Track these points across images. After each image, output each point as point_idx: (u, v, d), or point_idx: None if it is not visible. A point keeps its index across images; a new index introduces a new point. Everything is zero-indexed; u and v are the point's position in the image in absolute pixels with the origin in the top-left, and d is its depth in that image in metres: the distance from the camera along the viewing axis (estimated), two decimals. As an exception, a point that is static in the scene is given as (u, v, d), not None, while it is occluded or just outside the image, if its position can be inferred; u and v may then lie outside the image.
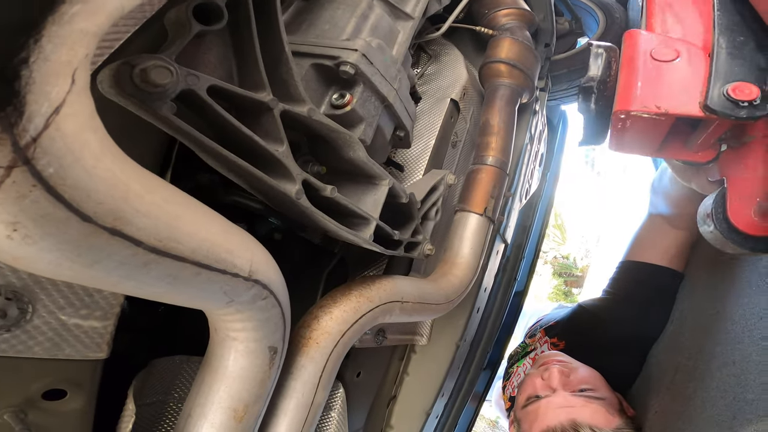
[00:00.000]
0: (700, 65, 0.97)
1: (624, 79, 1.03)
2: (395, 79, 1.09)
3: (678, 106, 0.95)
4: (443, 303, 1.28)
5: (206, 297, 0.62)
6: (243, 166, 0.72)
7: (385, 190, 1.02)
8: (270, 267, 0.71)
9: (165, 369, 1.03)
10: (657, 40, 1.03)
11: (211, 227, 0.58)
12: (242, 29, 0.74)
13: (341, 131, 0.91)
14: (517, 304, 2.87)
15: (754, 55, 0.95)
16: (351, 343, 0.99)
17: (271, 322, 0.74)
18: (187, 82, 0.62)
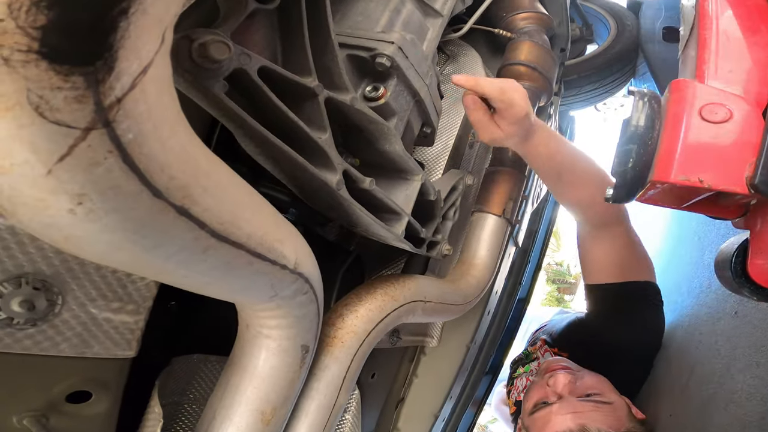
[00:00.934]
0: (753, 130, 0.88)
1: (666, 143, 0.94)
2: (427, 74, 1.06)
3: (722, 180, 0.88)
4: (461, 304, 1.26)
5: (254, 289, 0.58)
6: (287, 152, 0.68)
7: (417, 185, 0.99)
8: (311, 261, 0.68)
9: (184, 368, 0.99)
10: (708, 95, 0.93)
11: (265, 214, 0.55)
12: (291, 11, 0.71)
13: (380, 122, 0.87)
14: (521, 310, 2.86)
15: None
16: (375, 342, 0.96)
17: (306, 319, 0.70)
18: (240, 61, 0.58)
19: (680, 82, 0.97)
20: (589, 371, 2.00)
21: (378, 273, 1.32)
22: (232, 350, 0.73)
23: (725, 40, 1.03)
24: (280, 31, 0.72)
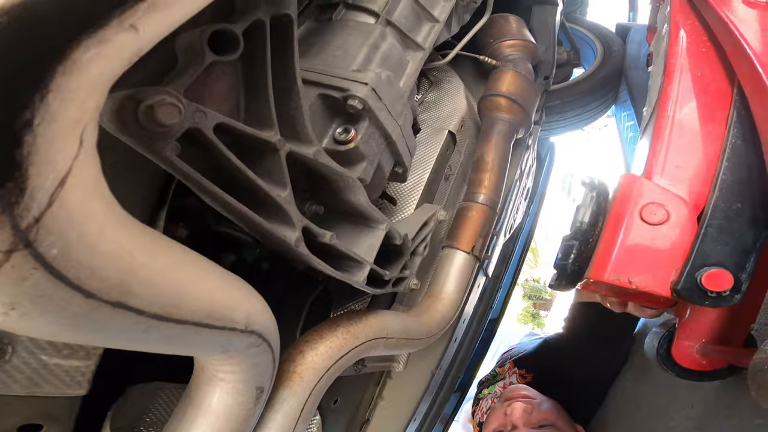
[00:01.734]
0: (685, 235, 0.92)
1: (605, 242, 0.99)
2: (401, 114, 1.06)
3: (649, 283, 0.92)
4: (425, 338, 1.25)
5: (202, 349, 0.59)
6: (243, 211, 0.68)
7: (381, 234, 0.98)
8: (265, 316, 0.67)
9: (140, 395, 0.98)
10: (651, 194, 0.97)
11: (212, 285, 0.54)
12: (256, 60, 0.70)
13: (345, 175, 0.87)
14: (491, 330, 2.86)
15: (744, 230, 0.89)
16: (334, 377, 0.96)
17: (260, 365, 0.70)
18: (194, 119, 0.57)
19: (629, 177, 1.00)
20: (547, 399, 2.09)
21: (345, 304, 1.31)
22: (188, 385, 0.72)
23: (679, 131, 1.04)
24: (243, 79, 0.71)
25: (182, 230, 0.87)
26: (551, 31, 2.10)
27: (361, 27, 1.12)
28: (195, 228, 0.91)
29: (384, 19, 1.17)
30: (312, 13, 1.22)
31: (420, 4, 1.29)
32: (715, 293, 0.86)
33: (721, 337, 1.09)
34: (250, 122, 0.71)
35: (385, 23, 1.18)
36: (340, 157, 0.96)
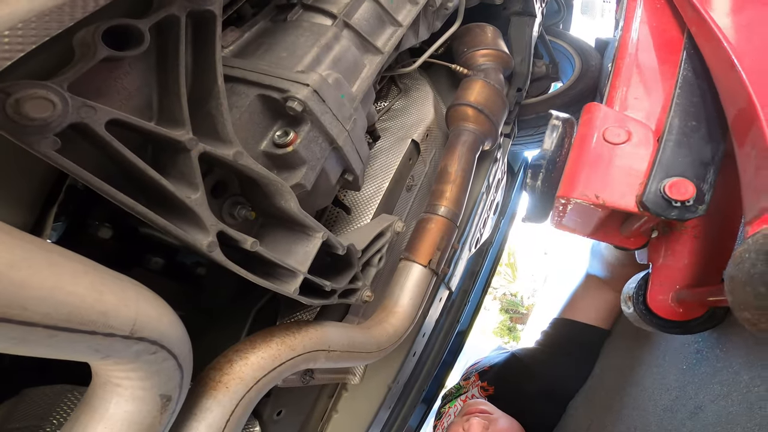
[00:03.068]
0: (647, 151, 0.95)
1: (572, 162, 1.01)
2: (349, 119, 1.00)
3: (616, 198, 0.94)
4: (374, 351, 1.19)
5: (70, 354, 0.52)
6: (143, 212, 0.61)
7: (318, 243, 0.92)
8: (163, 321, 0.61)
9: (41, 397, 0.92)
10: (612, 118, 1.00)
11: (77, 288, 0.48)
12: (170, 57, 0.65)
13: (272, 179, 0.81)
14: (459, 342, 2.83)
15: (702, 145, 0.93)
16: (266, 389, 0.90)
17: (163, 373, 0.65)
18: (79, 114, 0.52)
19: (591, 105, 1.05)
20: (504, 416, 2.06)
21: (292, 314, 1.25)
22: (87, 390, 0.67)
23: (637, 70, 1.08)
24: (157, 74, 0.66)
25: (106, 231, 0.81)
26: (528, 43, 2.06)
27: (314, 28, 1.08)
28: (123, 230, 0.85)
29: (341, 21, 1.13)
30: (269, 13, 1.17)
31: (383, 7, 1.24)
32: (680, 203, 0.88)
33: (696, 281, 1.09)
34: (162, 121, 0.66)
35: (343, 25, 1.13)
36: (279, 161, 0.91)
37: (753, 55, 0.86)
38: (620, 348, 2.02)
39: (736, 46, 0.88)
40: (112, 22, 0.56)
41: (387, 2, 1.25)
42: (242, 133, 0.86)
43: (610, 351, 2.10)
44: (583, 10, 6.02)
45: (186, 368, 0.69)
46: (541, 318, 7.15)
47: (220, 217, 0.73)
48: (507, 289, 9.02)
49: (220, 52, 0.69)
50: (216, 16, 0.67)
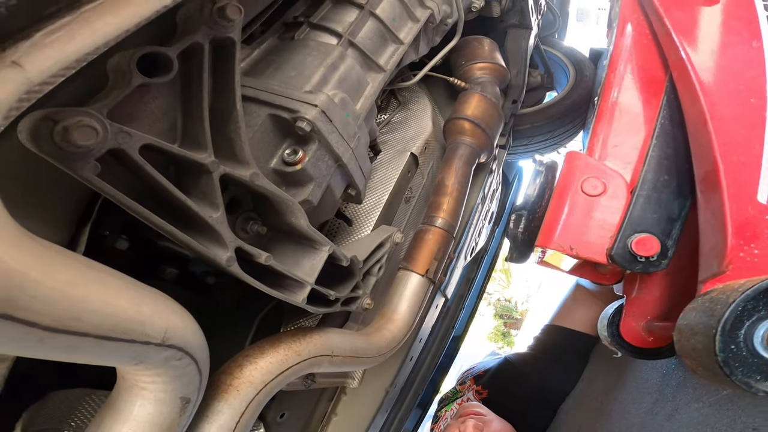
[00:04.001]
0: (620, 204, 1.01)
1: (551, 213, 1.07)
2: (353, 137, 1.05)
3: (588, 251, 1.01)
4: (374, 356, 1.24)
5: (111, 361, 0.58)
6: (170, 230, 0.67)
7: (324, 256, 0.97)
8: (188, 329, 0.67)
9: (63, 400, 0.96)
10: (590, 169, 1.05)
11: (120, 301, 0.54)
12: (193, 82, 0.70)
13: (283, 198, 0.86)
14: (455, 347, 2.87)
15: (671, 200, 0.98)
16: (274, 392, 0.94)
17: (185, 377, 0.70)
18: (117, 140, 0.57)
19: (572, 154, 1.10)
20: (498, 419, 2.11)
21: (296, 321, 1.30)
22: (111, 393, 0.72)
23: (618, 114, 1.12)
24: (181, 100, 0.71)
25: (123, 243, 0.86)
26: (523, 55, 2.11)
27: (321, 47, 1.12)
28: (138, 241, 0.90)
29: (346, 41, 1.17)
30: (277, 31, 1.21)
31: (386, 26, 1.29)
32: (644, 258, 0.95)
33: (665, 314, 1.14)
34: (185, 143, 0.71)
35: (347, 44, 1.18)
36: (288, 178, 0.95)
37: (728, 119, 0.90)
38: (607, 353, 2.04)
39: (713, 105, 0.92)
40: (146, 49, 0.60)
41: (389, 20, 1.30)
42: (254, 151, 0.90)
43: (598, 356, 2.17)
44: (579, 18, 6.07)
45: (204, 373, 0.74)
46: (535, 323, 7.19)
47: (234, 233, 0.78)
48: (501, 294, 9.05)
49: (239, 77, 0.74)
50: (236, 42, 0.71)
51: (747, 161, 0.86)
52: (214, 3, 0.67)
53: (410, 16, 1.38)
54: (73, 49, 0.49)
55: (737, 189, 0.84)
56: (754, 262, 0.80)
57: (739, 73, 0.96)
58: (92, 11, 0.52)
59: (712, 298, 0.72)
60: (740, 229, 0.81)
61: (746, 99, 0.92)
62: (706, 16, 1.06)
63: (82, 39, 0.50)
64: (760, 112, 0.90)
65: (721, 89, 0.93)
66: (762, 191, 0.84)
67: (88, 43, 0.50)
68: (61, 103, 0.55)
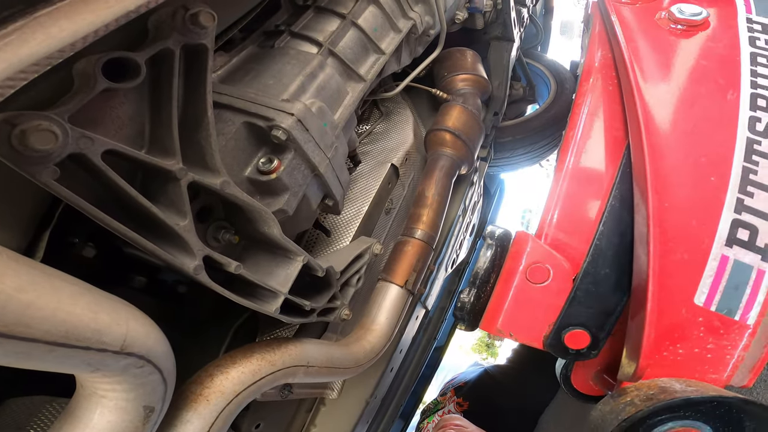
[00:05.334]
0: (560, 295, 1.01)
1: (495, 298, 1.08)
2: (330, 147, 1.04)
3: (527, 337, 1.03)
4: (352, 367, 1.23)
5: (65, 368, 0.56)
6: (134, 238, 0.65)
7: (298, 266, 0.96)
8: (150, 338, 0.65)
9: (21, 407, 0.94)
10: (537, 254, 1.05)
11: (75, 308, 0.52)
12: (163, 88, 0.68)
13: (255, 207, 0.84)
14: (437, 358, 2.85)
15: (609, 295, 0.98)
16: (246, 402, 0.93)
17: (147, 385, 0.68)
18: (78, 145, 0.55)
19: (521, 235, 1.09)
20: (478, 430, 2.08)
21: (272, 331, 1.29)
22: (71, 401, 0.69)
23: (572, 187, 1.09)
24: (150, 105, 0.69)
25: (90, 250, 0.84)
26: (506, 67, 2.11)
27: (300, 56, 1.11)
28: (106, 250, 0.88)
29: (326, 50, 1.17)
30: (257, 39, 1.20)
31: (368, 36, 1.29)
32: (575, 351, 0.97)
33: (612, 368, 1.13)
34: (153, 150, 0.69)
35: (327, 53, 1.17)
36: (262, 187, 0.94)
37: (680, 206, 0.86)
38: None
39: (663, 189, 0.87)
40: (112, 54, 0.59)
41: (371, 30, 1.30)
42: (227, 159, 0.89)
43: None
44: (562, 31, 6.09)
45: (170, 382, 0.72)
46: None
47: (205, 241, 0.76)
48: (486, 306, 9.09)
49: (210, 84, 0.73)
50: (208, 49, 0.70)
51: (690, 260, 0.83)
52: (187, 9, 0.66)
53: (392, 26, 1.38)
54: (26, 53, 0.48)
55: (672, 292, 0.82)
56: (676, 361, 0.80)
57: (705, 138, 0.90)
58: (47, 16, 0.51)
59: (609, 411, 0.74)
60: (668, 330, 0.81)
61: (706, 178, 0.86)
62: (680, 55, 1.01)
63: (36, 43, 0.49)
64: (718, 195, 0.85)
65: (679, 167, 0.88)
66: (700, 292, 0.82)
67: (42, 47, 0.49)
68: (24, 106, 0.53)
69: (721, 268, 0.81)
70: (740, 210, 0.82)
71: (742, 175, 0.84)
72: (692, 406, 0.68)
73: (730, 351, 0.79)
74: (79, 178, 0.59)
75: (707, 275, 0.82)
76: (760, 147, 0.85)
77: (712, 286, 0.81)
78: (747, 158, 0.85)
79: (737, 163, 0.85)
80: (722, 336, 0.80)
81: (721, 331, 0.80)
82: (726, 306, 0.81)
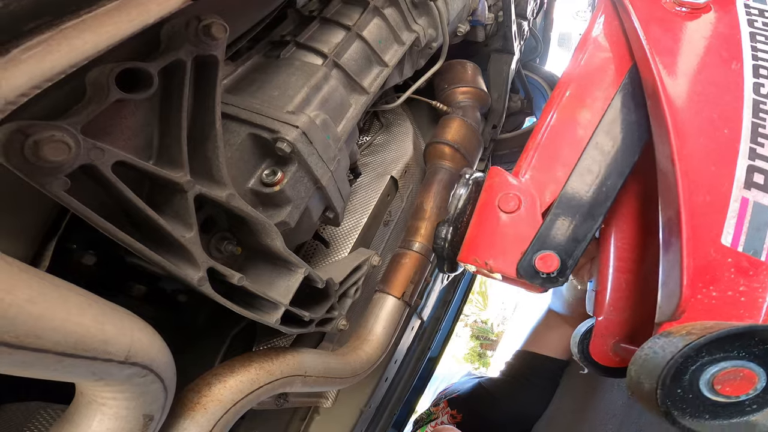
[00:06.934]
0: (532, 225, 1.02)
1: (472, 229, 1.09)
2: (333, 160, 1.04)
3: (501, 265, 1.02)
4: (349, 377, 1.23)
5: (71, 377, 0.56)
6: (140, 249, 0.65)
7: (300, 278, 0.96)
8: (154, 347, 0.65)
9: (17, 413, 0.94)
10: (509, 186, 1.06)
11: (83, 319, 0.52)
12: (173, 99, 0.68)
13: (260, 220, 0.85)
14: (430, 368, 2.86)
15: (579, 223, 1.00)
16: (243, 411, 0.92)
17: (149, 394, 0.67)
18: (89, 156, 0.55)
19: (494, 169, 1.11)
20: None
21: (269, 340, 1.29)
22: (69, 407, 0.69)
23: (550, 135, 1.11)
24: (160, 114, 0.69)
25: (90, 258, 0.84)
26: (505, 80, 2.11)
27: (306, 67, 1.11)
28: (106, 257, 0.88)
29: (331, 61, 1.17)
30: (263, 49, 1.21)
31: (372, 48, 1.29)
32: (545, 274, 0.98)
33: (631, 337, 1.15)
34: (161, 161, 0.70)
35: (332, 65, 1.17)
36: (265, 199, 0.94)
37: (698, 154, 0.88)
38: (578, 376, 2.10)
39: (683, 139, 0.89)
40: (126, 64, 0.59)
41: (375, 43, 1.30)
42: (232, 171, 0.89)
43: (569, 379, 2.19)
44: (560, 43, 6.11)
45: (170, 390, 0.72)
46: (510, 345, 7.21)
47: (208, 252, 0.76)
48: (478, 316, 9.07)
49: (220, 96, 0.73)
50: (219, 61, 0.70)
51: (713, 201, 0.84)
52: (200, 20, 0.66)
53: (396, 39, 1.38)
54: (48, 66, 0.48)
55: (700, 232, 0.82)
56: (711, 304, 0.79)
57: (714, 99, 0.93)
58: (72, 28, 0.51)
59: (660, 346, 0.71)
60: (700, 272, 0.80)
61: (719, 130, 0.90)
62: (687, 33, 1.05)
63: (60, 55, 0.49)
64: (732, 144, 0.88)
65: (693, 119, 0.91)
66: (726, 233, 0.82)
67: (65, 59, 0.49)
68: (37, 115, 0.53)
69: (743, 210, 0.83)
70: (753, 157, 0.86)
71: (752, 129, 0.88)
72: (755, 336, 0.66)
73: (761, 294, 0.78)
74: (88, 189, 0.59)
75: (731, 216, 0.83)
76: (766, 107, 0.90)
77: (737, 227, 0.82)
78: (755, 115, 0.89)
79: (747, 118, 0.90)
80: (752, 278, 0.79)
81: (750, 273, 0.79)
82: (752, 246, 0.81)
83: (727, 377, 0.66)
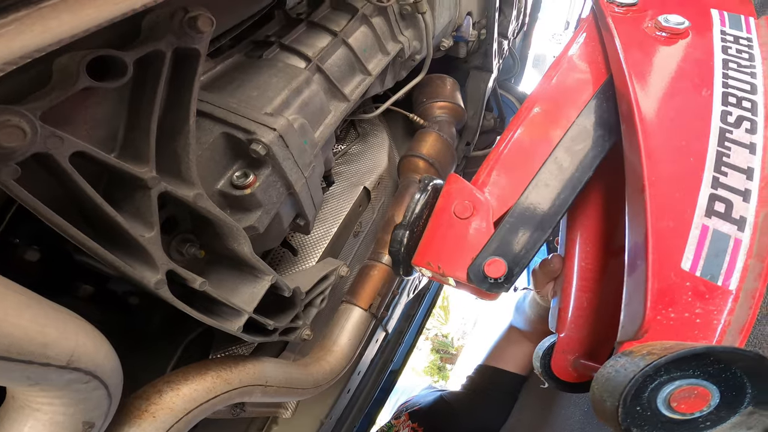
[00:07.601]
0: (484, 232, 1.03)
1: (427, 233, 1.11)
2: (308, 166, 1.00)
3: (453, 269, 1.03)
4: (311, 388, 1.18)
5: (1, 381, 0.51)
6: (93, 248, 0.60)
7: (266, 285, 0.91)
8: (99, 352, 0.60)
9: None
10: (465, 194, 1.07)
11: (20, 320, 0.47)
12: (146, 91, 0.63)
13: (227, 223, 0.80)
14: (392, 381, 2.83)
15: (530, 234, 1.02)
16: (196, 420, 0.87)
17: (90, 401, 0.62)
18: (46, 145, 0.50)
19: (452, 176, 1.12)
20: None
21: (227, 348, 1.23)
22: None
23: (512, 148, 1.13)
24: (129, 107, 0.64)
25: (33, 254, 0.78)
26: (482, 97, 2.09)
27: (288, 69, 1.08)
28: (52, 254, 0.82)
29: (315, 66, 1.14)
30: (245, 48, 1.17)
31: (356, 55, 1.26)
32: (493, 279, 0.98)
33: (590, 353, 1.16)
34: (125, 155, 0.65)
35: (315, 69, 1.14)
36: (234, 202, 0.90)
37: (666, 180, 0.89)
38: (536, 391, 2.09)
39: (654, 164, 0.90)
40: (99, 52, 0.55)
41: (360, 51, 1.28)
42: (201, 170, 0.84)
43: (527, 394, 2.19)
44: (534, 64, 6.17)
45: (115, 397, 0.67)
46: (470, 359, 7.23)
47: (168, 254, 0.71)
48: (439, 330, 9.14)
49: (197, 92, 0.68)
50: (201, 55, 0.66)
51: (676, 227, 0.86)
52: (186, 12, 0.62)
53: (381, 48, 1.36)
54: (17, 46, 0.44)
55: (663, 256, 0.84)
56: (669, 325, 0.80)
57: (685, 125, 0.95)
58: (51, 8, 0.47)
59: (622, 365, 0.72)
60: (661, 295, 0.81)
61: (686, 157, 0.91)
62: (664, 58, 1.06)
63: (31, 35, 0.45)
64: (697, 173, 0.89)
65: (664, 146, 0.92)
66: (686, 258, 0.84)
67: (36, 40, 0.45)
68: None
69: (703, 236, 0.85)
70: (716, 186, 0.88)
71: (716, 158, 0.90)
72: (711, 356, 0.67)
73: (716, 316, 0.80)
74: (40, 180, 0.54)
75: (691, 242, 0.85)
76: (732, 135, 0.92)
77: (696, 253, 0.84)
78: (720, 144, 0.91)
79: (712, 147, 0.91)
80: (708, 301, 0.81)
81: (706, 296, 0.82)
82: (709, 271, 0.83)
83: (683, 395, 0.68)
